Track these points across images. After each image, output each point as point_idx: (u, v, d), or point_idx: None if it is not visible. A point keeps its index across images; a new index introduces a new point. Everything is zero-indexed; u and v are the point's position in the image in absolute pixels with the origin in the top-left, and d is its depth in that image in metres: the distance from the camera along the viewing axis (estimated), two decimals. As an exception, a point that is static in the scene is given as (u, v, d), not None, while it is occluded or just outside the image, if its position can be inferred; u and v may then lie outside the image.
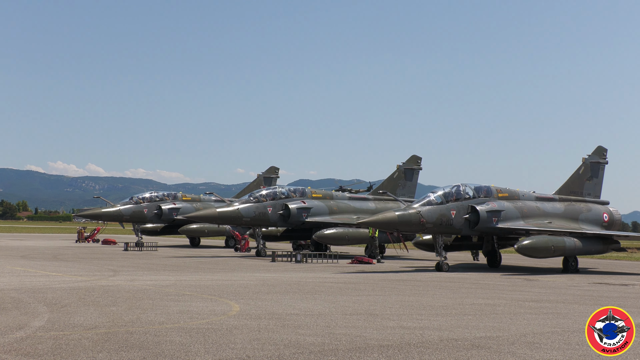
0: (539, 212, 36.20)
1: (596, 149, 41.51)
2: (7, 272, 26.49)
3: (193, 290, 20.62)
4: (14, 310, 15.31)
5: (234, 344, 11.80)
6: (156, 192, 57.42)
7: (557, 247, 32.17)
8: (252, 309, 16.46)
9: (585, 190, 40.22)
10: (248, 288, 21.71)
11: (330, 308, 16.95)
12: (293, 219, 43.42)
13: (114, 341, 11.83)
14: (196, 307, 16.51)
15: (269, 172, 63.56)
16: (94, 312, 15.34)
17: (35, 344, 11.50)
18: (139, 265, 32.04)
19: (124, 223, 56.93)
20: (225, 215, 42.31)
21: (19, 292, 18.92)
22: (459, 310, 17.28)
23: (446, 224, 32.50)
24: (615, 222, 39.89)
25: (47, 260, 35.07)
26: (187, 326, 13.59)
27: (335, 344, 12.02)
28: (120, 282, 23.12)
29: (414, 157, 51.30)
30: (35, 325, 13.29)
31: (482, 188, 34.72)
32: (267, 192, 44.17)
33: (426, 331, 13.60)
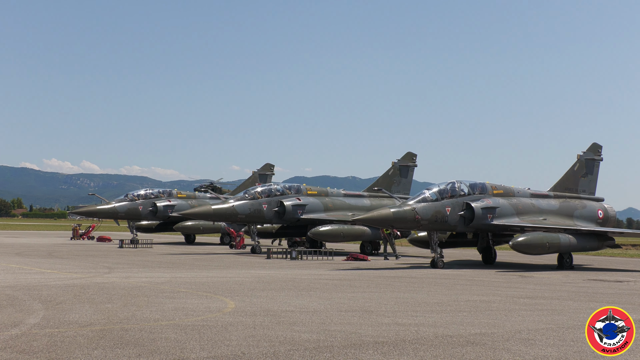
0: (534, 209, 36.29)
1: (591, 146, 41.58)
2: (2, 269, 26.45)
3: (188, 287, 20.61)
4: (9, 308, 15.29)
5: (229, 340, 11.81)
6: (151, 189, 57.29)
7: (552, 244, 32.24)
8: (247, 305, 16.46)
9: (580, 187, 40.32)
10: (243, 285, 21.72)
11: (326, 305, 16.97)
12: (288, 216, 43.47)
13: (109, 338, 11.83)
14: (191, 304, 16.50)
15: (264, 169, 63.57)
16: (89, 309, 15.33)
17: (31, 341, 11.50)
18: (134, 263, 32.02)
19: (119, 220, 56.79)
20: (220, 212, 42.35)
21: (14, 290, 18.89)
22: (454, 306, 17.30)
23: (441, 220, 32.55)
24: (610, 219, 39.98)
25: (42, 257, 35.01)
26: (182, 323, 13.59)
27: (330, 340, 12.03)
28: (116, 279, 23.10)
29: (409, 154, 51.34)
30: (30, 323, 13.28)
31: (477, 185, 34.77)
32: (262, 189, 44.22)
33: (421, 328, 13.63)
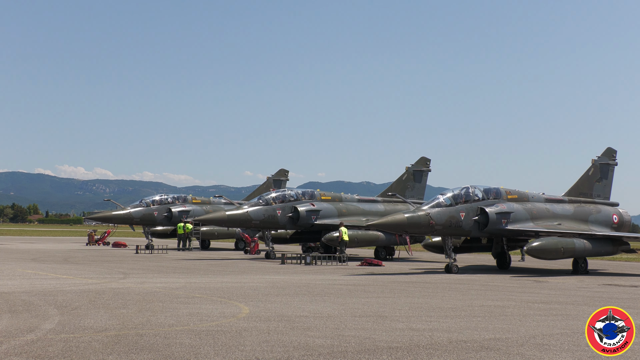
0: (549, 214, 36.15)
1: (605, 151, 41.41)
2: (18, 275, 26.65)
3: (203, 293, 20.68)
4: (25, 313, 15.41)
5: (244, 346, 11.85)
6: (166, 195, 57.55)
7: (567, 249, 32.11)
8: (261, 311, 16.51)
9: (594, 191, 40.13)
10: (257, 290, 21.76)
11: (340, 310, 16.98)
12: (302, 222, 43.50)
13: (124, 343, 11.90)
14: (206, 310, 16.57)
15: (278, 174, 63.68)
16: (104, 314, 15.42)
17: (46, 346, 11.59)
18: (149, 268, 32.15)
19: (134, 226, 57.06)
20: (234, 218, 42.41)
21: (30, 295, 19.04)
22: (468, 312, 17.27)
23: (455, 225, 32.48)
24: (625, 224, 39.80)
25: (57, 263, 35.23)
26: (197, 328, 13.65)
27: (344, 345, 12.05)
28: (131, 284, 23.21)
29: (422, 159, 51.30)
30: (45, 328, 13.38)
31: (491, 190, 34.68)
32: (277, 194, 44.28)
33: (435, 333, 13.62)
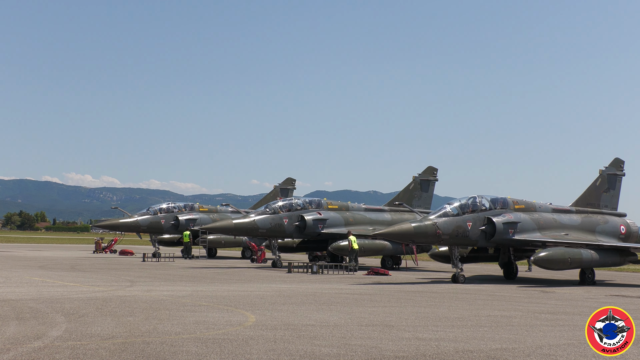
0: (556, 224, 36.09)
1: (613, 161, 41.33)
2: (25, 282, 26.73)
3: (209, 301, 20.70)
4: (32, 320, 15.45)
5: (250, 354, 11.86)
6: (173, 203, 57.67)
7: (574, 259, 32.03)
8: (268, 319, 16.52)
9: (602, 202, 40.06)
10: (264, 299, 21.77)
11: (346, 319, 16.98)
12: (309, 230, 43.52)
13: (131, 351, 11.93)
14: (212, 318, 16.59)
15: (285, 183, 63.78)
16: (111, 322, 15.46)
17: (53, 353, 11.62)
18: (156, 276, 32.20)
19: (142, 234, 57.18)
20: (241, 226, 42.49)
21: (37, 302, 19.09)
22: (475, 321, 17.24)
23: (462, 235, 32.47)
24: (632, 234, 39.69)
25: (65, 270, 35.32)
26: (204, 336, 13.67)
27: (350, 354, 12.05)
28: (137, 292, 23.25)
29: (429, 169, 51.31)
30: (53, 335, 13.42)
31: (498, 200, 34.66)
32: (283, 203, 44.36)
33: (442, 342, 13.60)
